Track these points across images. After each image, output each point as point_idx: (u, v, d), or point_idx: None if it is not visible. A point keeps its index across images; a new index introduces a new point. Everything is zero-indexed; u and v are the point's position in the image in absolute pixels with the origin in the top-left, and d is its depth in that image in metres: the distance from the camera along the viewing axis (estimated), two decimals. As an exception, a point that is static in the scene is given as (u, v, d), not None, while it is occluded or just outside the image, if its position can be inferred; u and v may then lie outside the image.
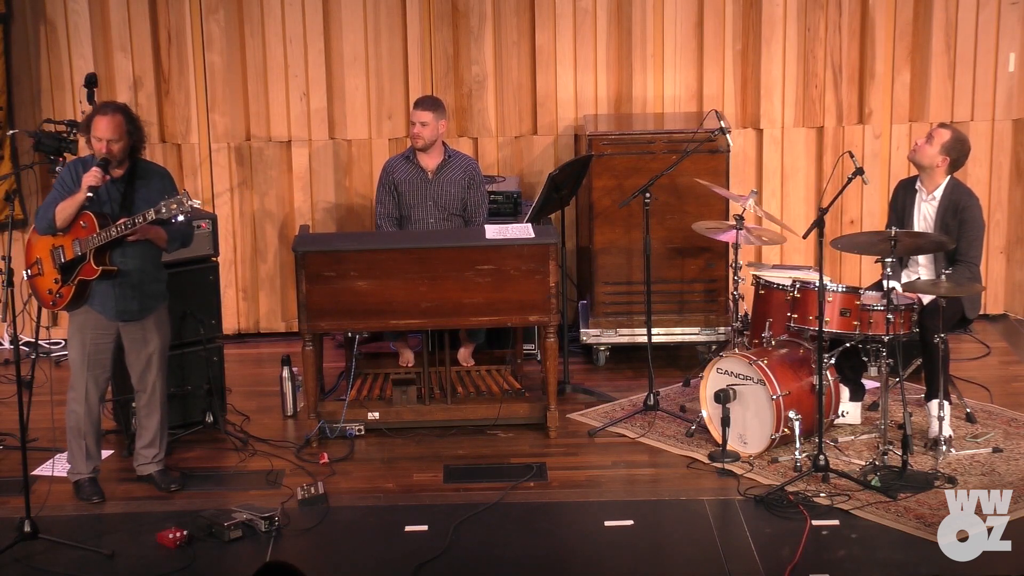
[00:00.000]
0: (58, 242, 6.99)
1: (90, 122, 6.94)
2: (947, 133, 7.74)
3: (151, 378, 7.24)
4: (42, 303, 7.20)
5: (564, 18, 9.22)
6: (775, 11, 9.18)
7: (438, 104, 8.53)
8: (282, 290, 9.48)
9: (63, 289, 7.02)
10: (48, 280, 7.06)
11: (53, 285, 7.05)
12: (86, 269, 6.97)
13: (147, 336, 7.17)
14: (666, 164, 8.33)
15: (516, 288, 7.69)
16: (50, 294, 7.06)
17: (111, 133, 6.88)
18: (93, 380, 7.12)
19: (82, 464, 7.20)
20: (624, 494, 7.20)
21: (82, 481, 7.21)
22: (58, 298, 7.05)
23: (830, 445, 7.49)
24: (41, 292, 7.12)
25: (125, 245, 6.96)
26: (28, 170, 8.64)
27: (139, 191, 7.00)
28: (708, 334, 8.82)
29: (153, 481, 7.32)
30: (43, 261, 7.06)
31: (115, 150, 6.90)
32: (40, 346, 8.08)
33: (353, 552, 6.69)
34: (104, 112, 6.94)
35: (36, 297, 7.20)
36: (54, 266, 7.03)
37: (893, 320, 7.26)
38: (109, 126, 6.89)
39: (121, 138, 6.91)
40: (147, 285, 7.11)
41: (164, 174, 7.21)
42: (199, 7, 9.14)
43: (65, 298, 7.03)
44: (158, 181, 7.09)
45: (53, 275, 7.04)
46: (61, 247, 6.99)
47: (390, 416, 7.97)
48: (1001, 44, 9.25)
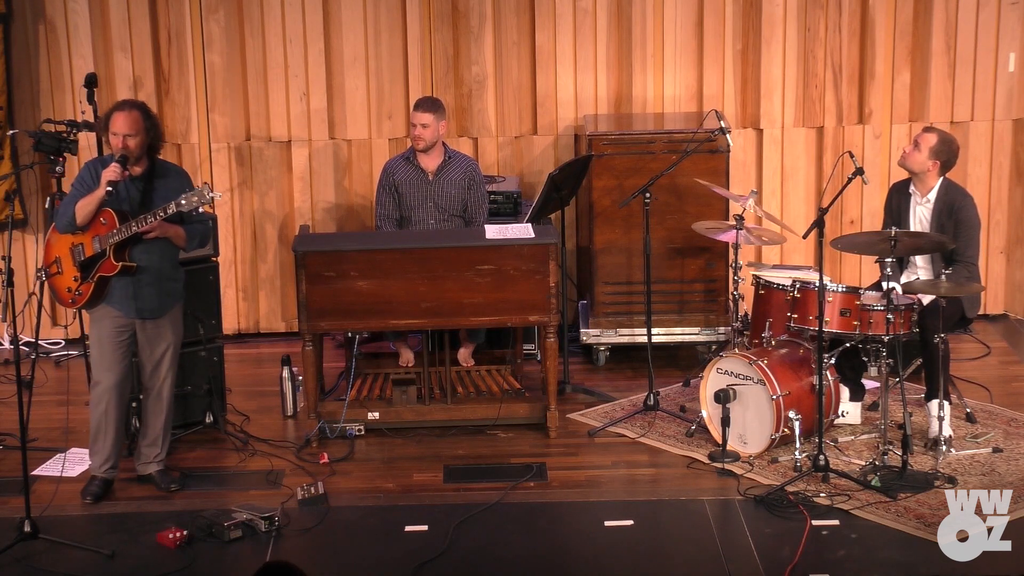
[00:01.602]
0: (78, 240, 7.02)
1: (108, 118, 6.98)
2: (933, 137, 7.72)
3: (160, 376, 7.26)
4: (61, 302, 7.21)
5: (564, 18, 9.22)
6: (775, 11, 9.18)
7: (438, 105, 8.53)
8: (282, 290, 9.48)
9: (82, 287, 7.04)
10: (68, 278, 7.08)
11: (72, 283, 7.06)
12: (105, 265, 7.00)
13: (162, 333, 7.20)
14: (666, 164, 8.33)
15: (516, 288, 7.69)
16: (69, 292, 7.09)
17: (128, 128, 6.92)
18: (113, 380, 7.13)
19: (96, 459, 7.22)
20: (624, 494, 7.20)
21: (94, 477, 7.22)
22: (77, 296, 7.06)
23: (830, 445, 7.49)
24: (60, 291, 7.14)
25: (145, 242, 7.00)
26: (28, 170, 8.64)
27: (158, 190, 7.03)
28: (708, 334, 8.82)
29: (153, 481, 7.33)
30: (62, 259, 7.08)
31: (131, 145, 6.93)
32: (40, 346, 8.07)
33: (353, 552, 6.69)
34: (122, 108, 6.99)
35: (55, 296, 7.22)
36: (73, 264, 7.05)
37: (893, 320, 7.26)
38: (126, 121, 6.93)
39: (138, 133, 6.94)
40: (165, 283, 7.14)
41: (183, 173, 7.26)
42: (199, 7, 9.14)
43: (84, 296, 7.05)
44: (176, 180, 7.12)
45: (73, 273, 7.06)
46: (81, 244, 7.02)
47: (390, 416, 7.97)
48: (1001, 44, 9.25)
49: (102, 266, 7.01)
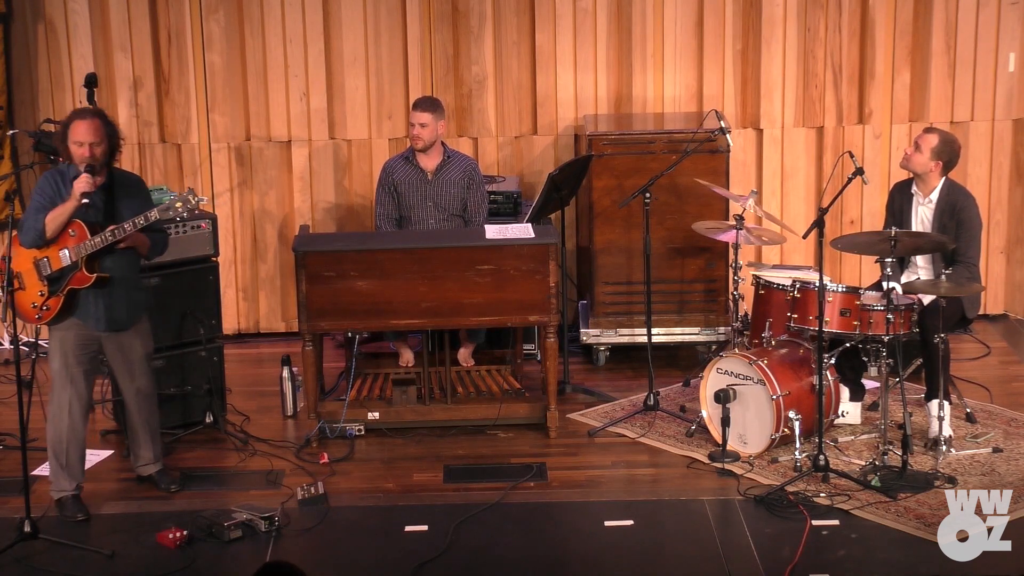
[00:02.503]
0: (41, 254, 6.84)
1: (67, 128, 6.78)
2: (934, 138, 7.71)
3: (140, 376, 7.13)
4: (24, 318, 6.95)
5: (564, 18, 9.22)
6: (775, 11, 9.18)
7: (437, 105, 8.53)
8: (282, 290, 9.48)
9: (50, 301, 6.85)
10: (32, 294, 6.88)
11: (38, 298, 6.87)
12: (78, 278, 6.82)
13: (132, 344, 7.06)
14: (666, 164, 8.33)
15: (516, 288, 7.69)
16: (34, 308, 6.88)
17: (93, 136, 6.75)
18: (76, 394, 6.97)
19: (64, 481, 7.02)
20: (624, 494, 7.20)
21: (64, 499, 7.03)
22: (44, 311, 6.87)
23: (830, 445, 7.49)
24: (24, 307, 6.91)
25: (114, 252, 6.84)
26: (28, 170, 8.64)
27: (121, 199, 6.89)
28: (708, 334, 8.82)
29: (153, 481, 7.31)
30: (24, 275, 6.88)
31: (98, 153, 6.77)
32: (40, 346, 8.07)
33: (353, 552, 6.69)
34: (83, 116, 6.82)
35: (16, 314, 6.86)
36: (39, 278, 6.86)
37: (893, 320, 7.25)
38: (90, 129, 6.76)
39: (102, 141, 6.78)
40: (132, 293, 7.01)
41: (139, 180, 7.15)
42: (199, 7, 9.14)
43: (52, 310, 6.86)
44: (136, 187, 7.01)
45: (38, 288, 6.87)
46: (46, 258, 6.84)
47: (390, 416, 7.97)
48: (1001, 44, 9.25)
49: (73, 279, 6.83)
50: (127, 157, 9.07)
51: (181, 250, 7.90)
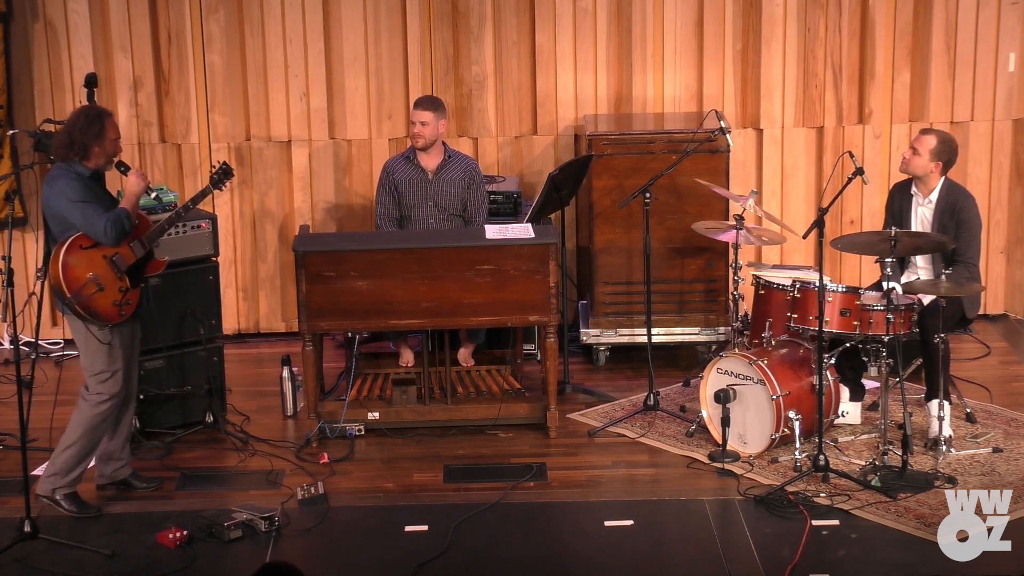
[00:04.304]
0: (109, 251, 6.86)
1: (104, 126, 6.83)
2: (932, 139, 7.70)
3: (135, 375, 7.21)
4: (107, 319, 6.86)
5: (564, 18, 9.22)
6: (775, 11, 9.18)
7: (438, 104, 8.53)
8: (282, 290, 9.48)
9: (130, 295, 6.90)
10: (112, 291, 6.86)
11: (118, 295, 6.87)
12: (154, 264, 7.02)
13: (138, 334, 7.17)
14: (666, 164, 8.33)
15: (516, 288, 7.69)
16: (116, 305, 6.87)
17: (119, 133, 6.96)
18: (126, 390, 7.03)
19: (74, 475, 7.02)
20: (624, 494, 7.20)
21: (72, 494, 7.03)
22: (126, 305, 6.90)
23: (830, 445, 7.49)
24: (105, 307, 6.86)
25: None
26: (28, 170, 8.62)
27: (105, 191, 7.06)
28: (708, 334, 8.82)
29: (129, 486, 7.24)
30: (100, 276, 6.84)
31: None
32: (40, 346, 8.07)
33: (353, 552, 6.69)
34: (111, 115, 6.93)
35: (97, 317, 6.83)
36: (117, 276, 6.87)
37: (893, 320, 7.25)
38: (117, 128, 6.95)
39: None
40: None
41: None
42: (199, 7, 9.14)
43: (134, 303, 6.94)
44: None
45: (118, 284, 6.88)
46: (117, 254, 6.88)
47: (390, 416, 7.97)
48: (1001, 44, 9.25)
49: (151, 266, 7.01)
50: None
51: (181, 250, 7.90)
